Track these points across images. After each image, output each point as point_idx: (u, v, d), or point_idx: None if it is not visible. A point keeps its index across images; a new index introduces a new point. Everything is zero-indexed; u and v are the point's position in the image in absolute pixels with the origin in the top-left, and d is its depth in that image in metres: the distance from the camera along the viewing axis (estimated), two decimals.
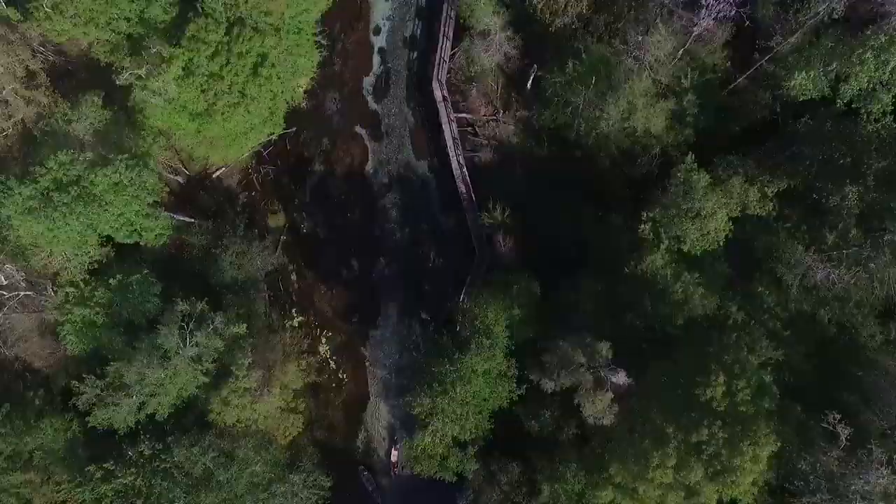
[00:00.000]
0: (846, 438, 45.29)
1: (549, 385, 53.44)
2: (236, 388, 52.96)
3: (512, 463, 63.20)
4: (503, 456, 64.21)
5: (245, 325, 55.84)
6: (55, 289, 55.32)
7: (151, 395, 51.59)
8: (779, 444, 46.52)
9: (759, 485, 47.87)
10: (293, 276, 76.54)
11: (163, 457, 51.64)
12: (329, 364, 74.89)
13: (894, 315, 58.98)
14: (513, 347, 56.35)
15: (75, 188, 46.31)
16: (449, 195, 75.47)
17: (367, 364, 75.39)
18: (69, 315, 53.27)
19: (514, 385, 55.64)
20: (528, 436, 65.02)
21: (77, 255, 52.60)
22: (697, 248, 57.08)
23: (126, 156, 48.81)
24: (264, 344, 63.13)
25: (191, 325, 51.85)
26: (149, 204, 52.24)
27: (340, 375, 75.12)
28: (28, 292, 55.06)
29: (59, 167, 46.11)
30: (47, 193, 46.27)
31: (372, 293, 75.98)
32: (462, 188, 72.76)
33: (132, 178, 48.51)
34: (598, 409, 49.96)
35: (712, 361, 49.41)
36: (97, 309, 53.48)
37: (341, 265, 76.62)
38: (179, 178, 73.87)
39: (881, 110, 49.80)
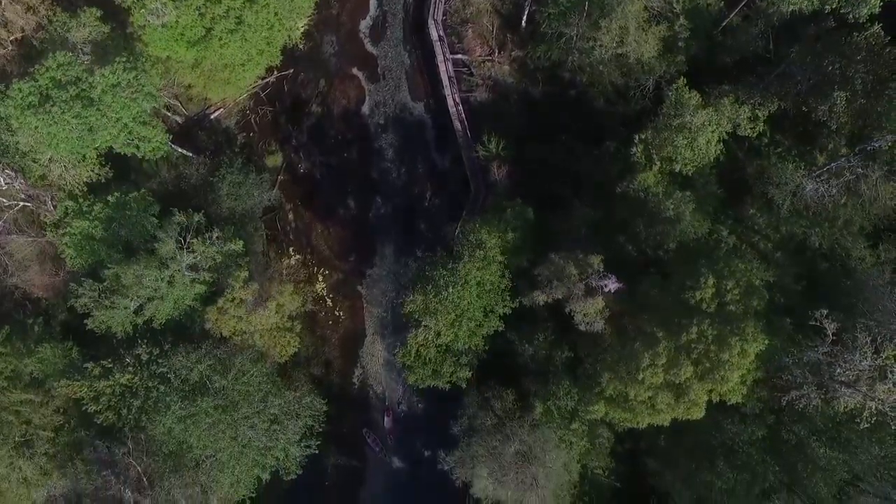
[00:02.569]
0: (832, 334, 45.86)
1: (541, 297, 53.93)
2: (233, 297, 53.59)
3: (507, 390, 63.86)
4: (498, 385, 65.00)
5: (242, 243, 56.47)
6: (55, 203, 55.98)
7: (149, 300, 52.22)
8: (766, 341, 47.08)
9: (748, 383, 48.41)
10: (290, 216, 77.27)
11: (160, 361, 52.28)
12: (326, 302, 75.58)
13: (882, 237, 59.47)
14: (505, 264, 56.70)
15: (73, 88, 47.01)
16: (445, 135, 76.23)
17: (363, 302, 76.14)
18: (68, 228, 53.89)
19: (508, 298, 56.06)
20: (524, 368, 65.77)
21: (76, 166, 53.23)
22: (689, 167, 57.70)
23: (125, 58, 49.47)
24: (262, 274, 63.78)
25: (189, 237, 52.45)
26: (146, 112, 52.82)
27: (337, 313, 75.81)
28: (27, 203, 55.67)
29: (57, 67, 46.85)
30: (46, 92, 46.99)
31: (368, 232, 76.72)
32: (458, 125, 73.46)
33: (130, 81, 49.22)
34: (590, 312, 50.51)
35: (702, 268, 49.91)
36: (96, 223, 54.10)
37: (338, 205, 77.37)
38: (178, 119, 74.50)
39: (868, 13, 50.36)
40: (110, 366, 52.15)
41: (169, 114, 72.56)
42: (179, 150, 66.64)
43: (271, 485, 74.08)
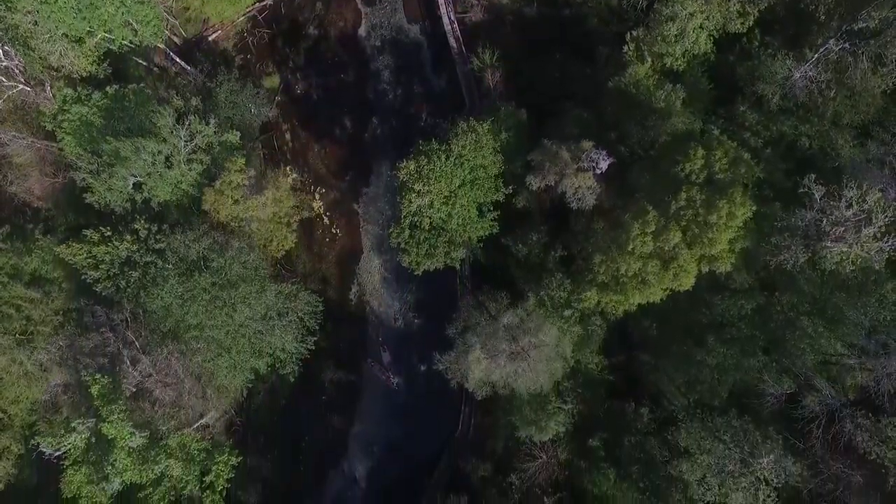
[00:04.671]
0: (819, 198, 46.60)
1: (534, 182, 54.68)
2: (230, 181, 54.23)
3: (501, 293, 64.57)
4: (492, 290, 65.81)
5: (238, 134, 57.21)
6: (53, 91, 56.68)
7: (147, 175, 52.82)
8: (754, 208, 47.88)
9: (737, 250, 49.11)
10: (287, 136, 78.07)
11: (158, 237, 52.91)
12: (322, 219, 76.36)
13: (871, 133, 60.17)
14: (497, 149, 57.25)
15: None
16: (440, 56, 76.93)
17: (359, 220, 76.90)
18: (67, 114, 54.57)
19: (501, 184, 56.70)
20: (518, 277, 66.61)
21: (74, 49, 53.90)
22: (679, 62, 58.52)
23: None
24: (259, 177, 64.47)
25: (188, 118, 53.09)
26: None
27: (333, 230, 76.59)
28: (26, 87, 56.33)
29: None
30: None
31: (364, 152, 77.47)
32: (453, 43, 74.25)
33: None
34: (582, 186, 51.24)
35: (692, 142, 50.73)
36: (94, 110, 54.79)
37: (334, 125, 78.16)
38: (176, 40, 75.25)
39: None
40: (109, 234, 52.75)
41: (168, 34, 73.30)
42: (177, 59, 67.32)
43: (271, 400, 75.50)
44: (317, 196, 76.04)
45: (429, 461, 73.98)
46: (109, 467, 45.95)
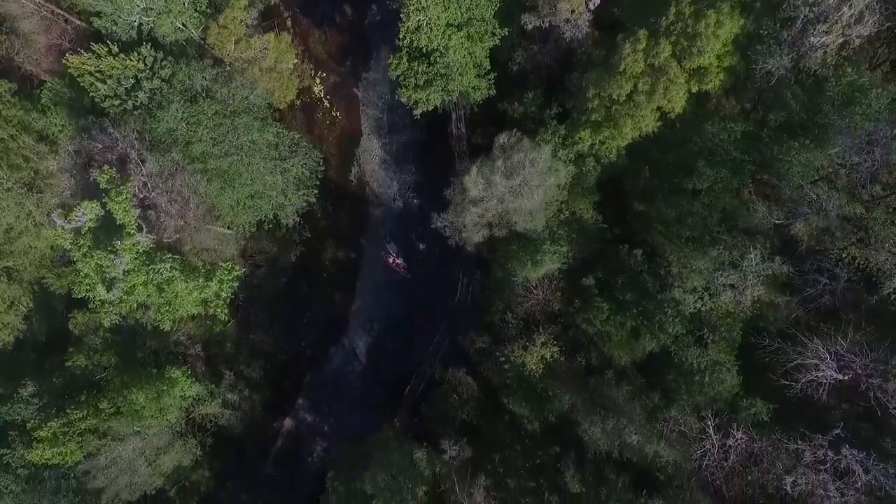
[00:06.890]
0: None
1: (530, 20, 56.19)
2: (233, 16, 55.66)
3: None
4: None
5: None
6: None
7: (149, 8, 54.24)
8: (742, 21, 49.36)
9: (726, 66, 50.57)
10: (289, 22, 79.55)
11: (163, 63, 54.27)
12: (323, 102, 77.87)
13: None
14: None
15: None
16: None
17: (359, 103, 78.47)
18: None
19: (497, 26, 57.94)
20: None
21: None
22: None
23: None
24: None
25: None
26: None
27: (334, 114, 78.10)
28: None
29: None
30: None
31: (364, 38, 79.06)
32: None
33: None
34: (575, 10, 52.74)
35: None
36: None
37: (335, 11, 79.82)
38: None
39: None
40: (117, 51, 54.11)
41: None
42: None
43: (273, 277, 76.91)
44: (317, 80, 77.51)
45: (427, 335, 75.41)
46: (118, 242, 47.26)
